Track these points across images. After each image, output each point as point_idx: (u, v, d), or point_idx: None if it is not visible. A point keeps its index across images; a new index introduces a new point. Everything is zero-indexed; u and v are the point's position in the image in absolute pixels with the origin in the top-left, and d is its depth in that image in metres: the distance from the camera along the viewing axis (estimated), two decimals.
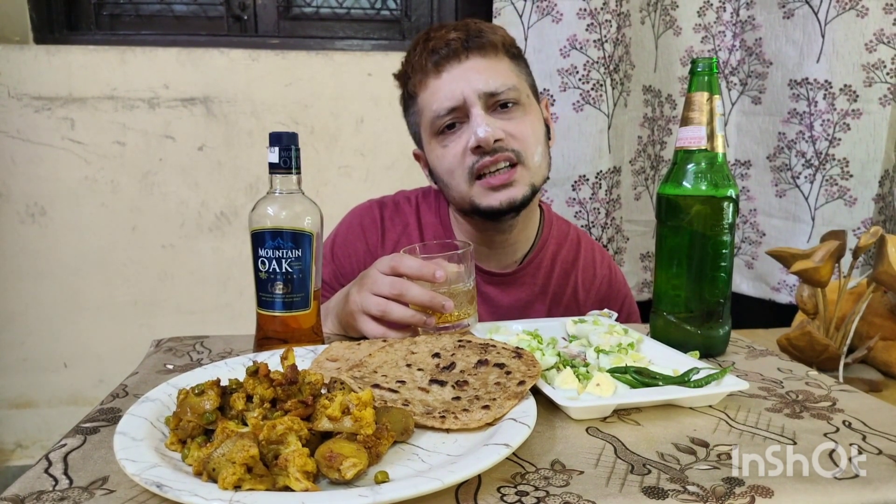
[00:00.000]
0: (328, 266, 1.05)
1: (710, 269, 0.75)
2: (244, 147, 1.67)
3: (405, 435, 0.50)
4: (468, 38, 0.92)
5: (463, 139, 0.93)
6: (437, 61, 0.92)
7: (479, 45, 0.92)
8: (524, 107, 0.95)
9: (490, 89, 0.91)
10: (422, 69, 0.94)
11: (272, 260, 0.69)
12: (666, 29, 1.69)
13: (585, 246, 1.14)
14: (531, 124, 0.95)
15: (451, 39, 0.92)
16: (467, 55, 0.92)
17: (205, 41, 1.69)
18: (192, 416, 0.49)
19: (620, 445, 0.51)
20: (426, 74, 0.94)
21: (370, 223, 1.08)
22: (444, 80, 0.93)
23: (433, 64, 0.93)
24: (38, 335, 1.68)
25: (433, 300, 0.73)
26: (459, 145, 0.93)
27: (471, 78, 0.91)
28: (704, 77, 0.74)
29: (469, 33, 0.92)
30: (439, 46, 0.92)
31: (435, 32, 0.95)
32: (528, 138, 0.94)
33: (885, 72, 1.50)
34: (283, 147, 0.69)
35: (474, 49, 0.92)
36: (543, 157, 0.97)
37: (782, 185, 1.64)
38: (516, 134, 0.93)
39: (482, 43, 0.92)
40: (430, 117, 0.95)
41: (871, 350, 1.00)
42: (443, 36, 0.93)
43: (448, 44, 0.92)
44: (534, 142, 0.95)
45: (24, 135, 1.59)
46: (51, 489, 0.43)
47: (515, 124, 0.93)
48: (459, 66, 0.92)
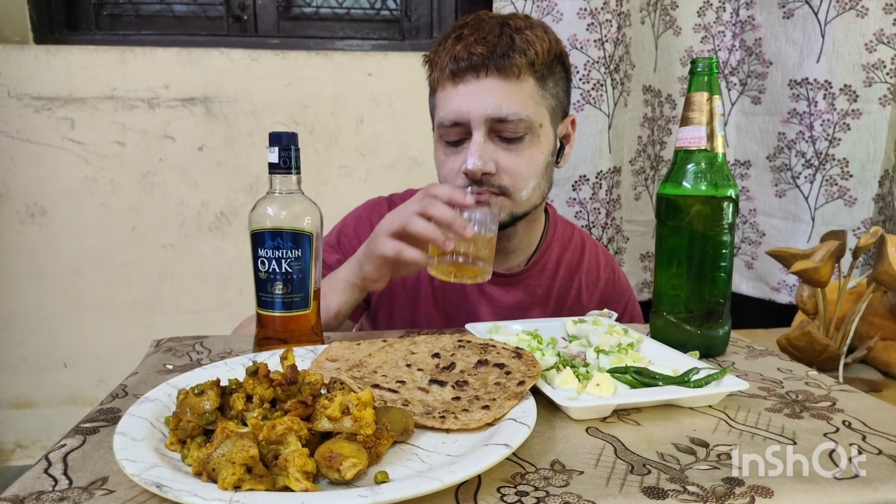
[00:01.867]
0: (333, 254, 1.05)
1: (710, 269, 0.75)
2: (244, 147, 1.67)
3: (405, 435, 0.50)
4: (493, 54, 0.88)
5: (460, 158, 0.92)
6: (456, 71, 0.90)
7: (500, 66, 0.89)
8: (531, 138, 0.92)
9: (499, 115, 0.89)
10: (442, 70, 0.92)
11: (272, 260, 0.69)
12: (666, 29, 1.69)
13: (589, 249, 1.14)
14: (530, 158, 0.93)
15: (475, 53, 0.89)
16: (486, 73, 0.89)
17: (205, 41, 1.69)
18: (192, 417, 0.49)
19: (620, 445, 0.51)
20: (444, 77, 0.93)
21: (378, 217, 1.08)
22: (458, 91, 0.91)
23: (451, 72, 0.91)
24: (38, 335, 1.68)
25: (456, 220, 0.75)
26: (456, 163, 0.93)
27: (482, 99, 0.89)
28: (704, 77, 0.74)
29: (496, 50, 0.89)
30: (462, 56, 0.89)
31: (469, 33, 0.91)
32: (520, 173, 0.92)
33: (885, 72, 1.49)
34: (282, 147, 0.69)
35: (494, 69, 0.89)
36: (536, 189, 0.95)
37: (782, 185, 1.64)
38: (509, 168, 0.91)
39: (505, 64, 0.89)
40: (438, 120, 0.95)
41: (871, 350, 1.00)
42: (470, 43, 0.89)
43: (471, 56, 0.89)
44: (527, 176, 0.93)
45: (24, 135, 1.59)
46: (50, 489, 0.43)
47: (512, 157, 0.91)
48: (476, 83, 0.90)
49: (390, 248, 0.79)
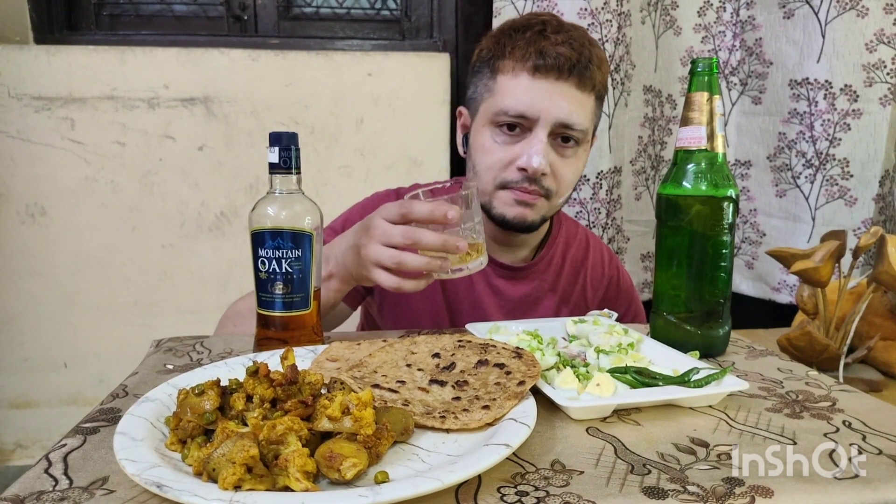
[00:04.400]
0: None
1: (710, 269, 0.75)
2: (244, 147, 1.67)
3: (405, 435, 0.50)
4: (578, 63, 0.90)
5: (515, 150, 0.93)
6: (539, 66, 0.90)
7: (581, 75, 0.91)
8: (580, 149, 0.97)
9: (568, 122, 0.91)
10: (521, 59, 0.92)
11: (272, 260, 0.69)
12: (666, 29, 1.69)
13: (594, 246, 1.15)
14: (576, 168, 0.98)
15: (563, 54, 0.89)
16: (567, 78, 0.91)
17: (205, 41, 1.69)
18: (192, 416, 0.49)
19: (620, 445, 0.51)
20: (522, 67, 0.92)
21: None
22: (535, 86, 0.91)
23: (534, 65, 0.90)
24: (38, 335, 1.68)
25: (447, 243, 0.72)
26: (508, 154, 0.93)
27: (557, 101, 0.91)
28: (704, 77, 0.74)
29: (581, 59, 0.90)
30: (549, 52, 0.90)
31: (553, 33, 0.91)
32: (567, 181, 0.96)
33: (886, 72, 1.49)
34: (283, 147, 0.69)
35: (576, 76, 0.91)
36: (566, 198, 1.01)
37: (782, 185, 1.64)
38: (560, 175, 0.95)
39: (585, 76, 0.91)
40: (499, 106, 0.93)
41: (871, 350, 1.00)
42: (558, 43, 0.90)
43: (558, 56, 0.89)
44: (570, 184, 0.98)
45: (24, 135, 1.59)
46: (51, 489, 0.43)
47: (565, 164, 0.95)
48: (555, 84, 0.91)
49: (388, 282, 0.75)
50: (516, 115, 0.92)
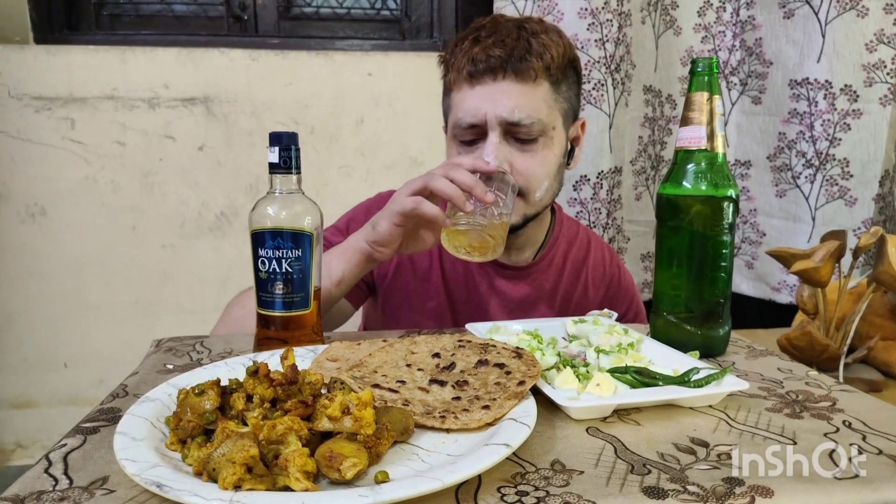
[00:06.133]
0: (340, 237, 1.04)
1: (710, 269, 0.75)
2: (244, 147, 1.67)
3: (405, 435, 0.50)
4: (510, 58, 0.90)
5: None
6: (473, 73, 0.91)
7: (517, 69, 0.90)
8: (545, 140, 0.94)
9: (513, 119, 0.90)
10: (458, 72, 0.93)
11: (272, 260, 0.69)
12: (666, 29, 1.69)
13: (595, 245, 1.15)
14: (543, 159, 0.94)
15: (494, 55, 0.90)
16: (503, 76, 0.90)
17: (205, 41, 1.69)
18: (192, 416, 0.48)
19: (620, 445, 0.51)
20: (460, 78, 0.93)
21: None
22: (475, 93, 0.92)
23: (468, 73, 0.92)
24: (38, 335, 1.68)
25: (477, 184, 0.77)
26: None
27: (498, 101, 0.90)
28: (704, 77, 0.74)
29: (513, 53, 0.90)
30: (480, 58, 0.90)
31: (486, 36, 0.92)
32: (534, 175, 0.94)
33: (886, 72, 1.49)
34: (283, 147, 0.69)
35: (512, 72, 0.90)
36: (549, 190, 0.98)
37: (782, 185, 1.64)
38: (523, 169, 0.93)
39: (522, 67, 0.90)
40: (454, 120, 0.95)
41: (871, 350, 1.00)
42: (488, 46, 0.90)
43: (489, 59, 0.90)
44: (541, 178, 0.95)
45: (24, 135, 1.59)
46: (51, 489, 0.43)
47: (526, 158, 0.93)
48: (493, 85, 0.91)
49: (410, 201, 0.79)
50: (467, 126, 0.93)
